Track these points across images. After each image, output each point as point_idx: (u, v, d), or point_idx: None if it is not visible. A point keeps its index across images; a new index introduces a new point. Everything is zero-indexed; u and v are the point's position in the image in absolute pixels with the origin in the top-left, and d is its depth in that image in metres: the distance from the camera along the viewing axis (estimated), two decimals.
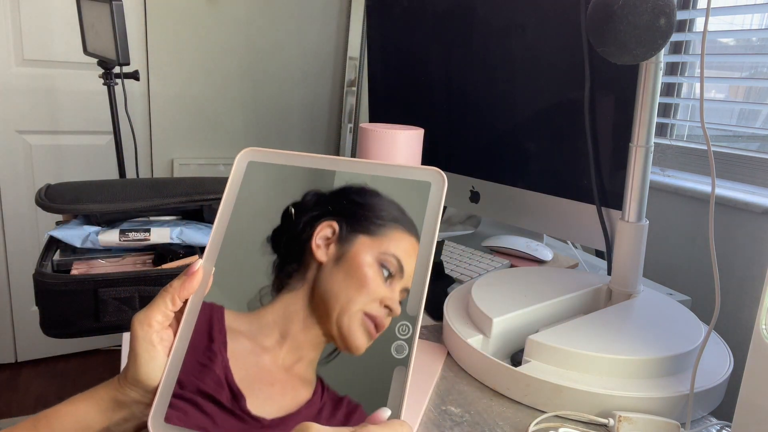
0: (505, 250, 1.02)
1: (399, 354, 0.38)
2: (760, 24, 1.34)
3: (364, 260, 0.41)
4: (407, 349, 0.37)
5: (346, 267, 0.41)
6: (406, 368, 0.37)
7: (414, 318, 0.38)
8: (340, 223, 0.42)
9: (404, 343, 0.38)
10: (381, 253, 0.41)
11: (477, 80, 0.96)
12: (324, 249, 0.41)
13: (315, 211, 0.42)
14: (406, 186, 0.42)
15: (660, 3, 0.56)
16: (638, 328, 0.65)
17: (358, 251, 0.41)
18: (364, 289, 0.40)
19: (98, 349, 2.26)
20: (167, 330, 0.41)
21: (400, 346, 0.38)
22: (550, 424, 0.57)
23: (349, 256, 0.41)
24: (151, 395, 0.40)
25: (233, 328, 0.41)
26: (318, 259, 0.41)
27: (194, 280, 0.42)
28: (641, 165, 0.69)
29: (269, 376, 0.39)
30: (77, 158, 2.07)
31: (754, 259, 1.10)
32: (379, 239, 0.41)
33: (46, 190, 0.87)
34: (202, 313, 0.41)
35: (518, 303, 0.70)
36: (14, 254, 2.04)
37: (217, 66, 2.20)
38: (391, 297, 0.39)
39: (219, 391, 0.39)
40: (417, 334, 0.38)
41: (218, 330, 0.41)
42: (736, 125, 1.33)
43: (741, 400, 0.46)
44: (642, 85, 0.67)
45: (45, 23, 1.91)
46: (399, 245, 0.40)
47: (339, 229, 0.42)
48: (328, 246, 0.42)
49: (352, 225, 0.42)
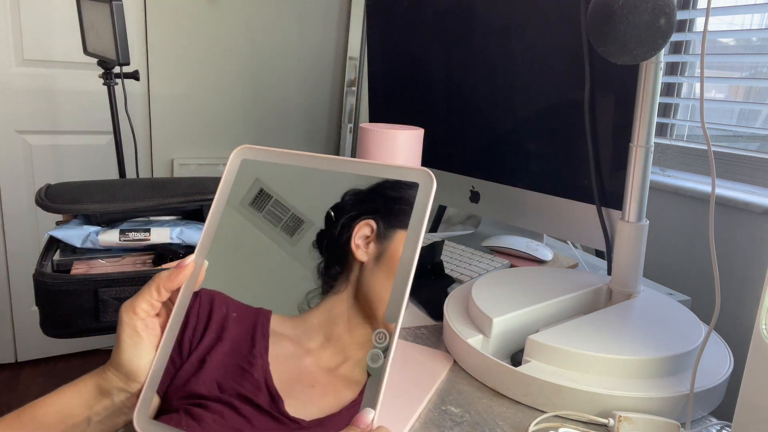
0: (505, 250, 1.03)
1: (374, 363, 0.37)
2: (760, 24, 1.34)
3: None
4: (381, 359, 0.37)
5: (387, 265, 0.40)
6: (379, 377, 0.36)
7: (392, 327, 0.37)
8: (377, 221, 0.41)
9: (379, 351, 0.37)
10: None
11: (477, 80, 0.96)
12: (364, 248, 0.41)
13: (353, 210, 0.42)
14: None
15: (660, 3, 0.56)
16: (638, 328, 0.65)
17: (397, 247, 0.40)
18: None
19: (98, 349, 2.26)
20: (153, 319, 0.42)
21: (375, 354, 0.37)
22: (550, 424, 0.57)
23: (388, 253, 0.40)
24: (131, 383, 0.41)
25: (278, 332, 0.41)
26: (359, 259, 0.41)
27: (182, 273, 0.42)
28: (641, 165, 0.69)
29: (310, 378, 0.39)
30: (77, 158, 2.07)
31: (754, 259, 1.10)
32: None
33: (46, 190, 0.87)
34: (245, 320, 0.41)
35: (518, 303, 0.70)
36: (14, 254, 2.04)
37: (217, 66, 2.20)
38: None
39: (257, 393, 0.39)
40: (394, 344, 0.37)
41: (262, 334, 0.41)
42: (736, 125, 1.33)
43: (741, 400, 0.46)
44: (642, 85, 0.67)
45: (45, 23, 1.91)
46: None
47: (377, 227, 0.41)
48: (367, 245, 0.41)
49: (389, 221, 0.41)
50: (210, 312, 0.42)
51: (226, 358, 0.41)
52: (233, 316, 0.42)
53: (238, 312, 0.42)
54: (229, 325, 0.42)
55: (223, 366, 0.41)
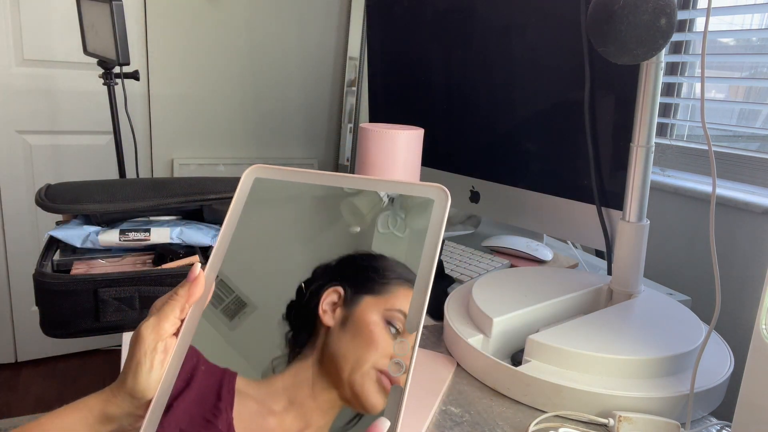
0: (505, 250, 1.03)
1: (396, 372, 0.37)
2: (760, 24, 1.34)
3: (370, 319, 0.41)
4: (404, 367, 0.37)
5: (353, 328, 0.41)
6: (403, 386, 0.37)
7: (412, 336, 0.38)
8: (344, 287, 0.42)
9: (401, 360, 0.37)
10: (386, 310, 0.41)
11: (477, 80, 0.96)
12: (330, 314, 0.42)
13: (321, 280, 0.43)
14: (409, 202, 0.42)
15: (661, 3, 0.56)
16: (638, 328, 0.65)
17: (363, 311, 0.41)
18: (372, 346, 0.40)
19: (98, 349, 2.26)
20: (172, 338, 0.42)
21: (397, 363, 0.37)
22: (550, 424, 0.57)
23: (355, 317, 0.41)
24: (144, 407, 0.40)
25: (243, 392, 0.41)
26: (325, 323, 0.41)
27: (198, 285, 0.42)
28: (642, 165, 0.69)
29: None
30: (77, 158, 2.07)
31: (754, 259, 1.10)
32: (384, 297, 0.41)
33: (46, 190, 0.87)
34: (213, 375, 0.42)
35: (519, 303, 0.70)
36: (14, 254, 2.04)
37: (217, 66, 2.20)
38: (401, 353, 0.39)
39: None
40: (415, 352, 0.37)
41: (227, 391, 0.41)
42: (736, 125, 1.33)
43: (741, 400, 0.46)
44: (642, 85, 0.67)
45: (45, 23, 1.91)
46: (405, 300, 0.40)
47: (344, 293, 0.42)
48: (334, 311, 0.42)
49: (357, 287, 0.42)
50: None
51: (192, 407, 0.41)
52: (202, 369, 0.42)
53: (206, 366, 0.42)
54: (198, 375, 0.42)
55: (188, 414, 0.41)
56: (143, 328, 0.40)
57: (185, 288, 0.42)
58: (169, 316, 0.41)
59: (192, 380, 0.42)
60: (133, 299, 0.76)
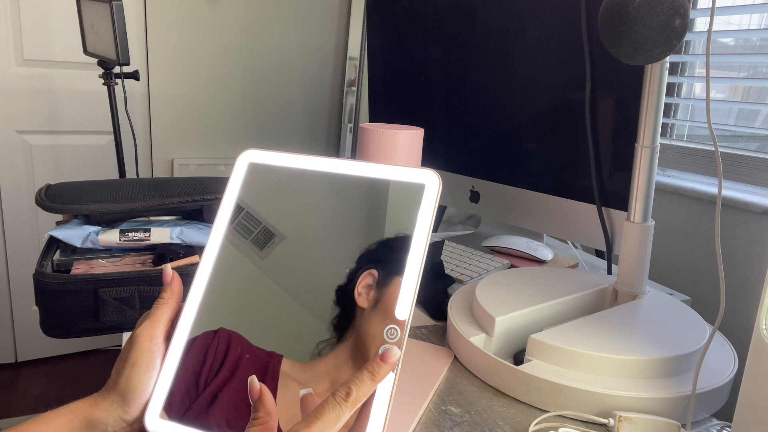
0: (505, 250, 1.02)
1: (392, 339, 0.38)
2: (760, 24, 1.34)
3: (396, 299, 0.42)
4: (398, 333, 0.38)
5: (384, 308, 0.41)
6: (393, 373, 0.37)
7: (403, 321, 0.38)
8: (378, 269, 0.43)
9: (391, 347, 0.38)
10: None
11: (477, 80, 0.96)
12: (365, 296, 0.43)
13: (361, 264, 0.45)
14: (400, 188, 0.42)
15: (675, 3, 0.56)
16: (641, 328, 0.65)
17: (394, 291, 0.41)
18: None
19: (98, 349, 2.26)
20: (164, 342, 0.43)
21: (387, 349, 0.38)
22: (551, 424, 0.57)
23: (386, 297, 0.42)
24: (132, 410, 0.40)
25: (287, 374, 0.42)
26: (360, 306, 0.43)
27: (176, 284, 0.43)
28: (647, 165, 0.69)
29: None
30: (77, 158, 2.07)
31: (754, 259, 1.10)
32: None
33: (46, 190, 0.86)
34: (257, 362, 0.43)
35: (522, 303, 0.70)
36: (14, 254, 2.04)
37: (217, 66, 2.20)
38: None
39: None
40: (405, 338, 0.38)
41: (271, 377, 0.42)
42: (736, 125, 1.33)
43: (741, 400, 0.46)
44: (647, 85, 0.66)
45: (45, 23, 1.91)
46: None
47: (378, 275, 0.43)
48: (369, 293, 0.43)
49: (389, 268, 0.43)
50: (226, 350, 0.44)
51: (237, 396, 0.42)
52: (246, 357, 0.43)
53: (251, 353, 0.44)
54: (243, 365, 0.43)
55: (233, 403, 0.42)
56: (137, 334, 0.41)
57: (167, 291, 0.43)
58: (161, 318, 0.42)
59: (236, 370, 0.43)
60: (133, 299, 0.76)
